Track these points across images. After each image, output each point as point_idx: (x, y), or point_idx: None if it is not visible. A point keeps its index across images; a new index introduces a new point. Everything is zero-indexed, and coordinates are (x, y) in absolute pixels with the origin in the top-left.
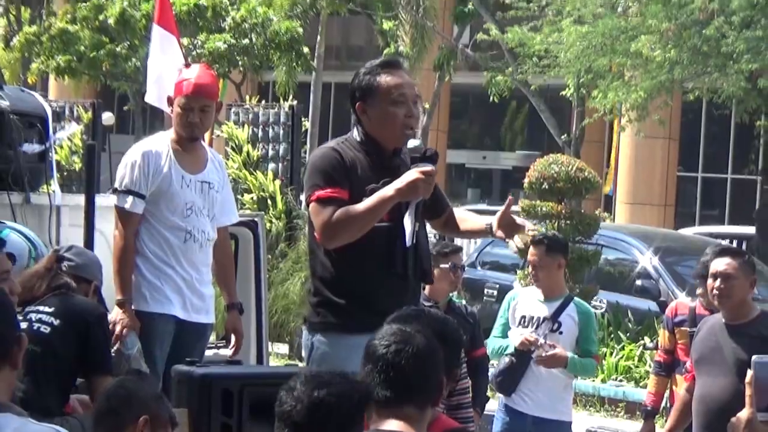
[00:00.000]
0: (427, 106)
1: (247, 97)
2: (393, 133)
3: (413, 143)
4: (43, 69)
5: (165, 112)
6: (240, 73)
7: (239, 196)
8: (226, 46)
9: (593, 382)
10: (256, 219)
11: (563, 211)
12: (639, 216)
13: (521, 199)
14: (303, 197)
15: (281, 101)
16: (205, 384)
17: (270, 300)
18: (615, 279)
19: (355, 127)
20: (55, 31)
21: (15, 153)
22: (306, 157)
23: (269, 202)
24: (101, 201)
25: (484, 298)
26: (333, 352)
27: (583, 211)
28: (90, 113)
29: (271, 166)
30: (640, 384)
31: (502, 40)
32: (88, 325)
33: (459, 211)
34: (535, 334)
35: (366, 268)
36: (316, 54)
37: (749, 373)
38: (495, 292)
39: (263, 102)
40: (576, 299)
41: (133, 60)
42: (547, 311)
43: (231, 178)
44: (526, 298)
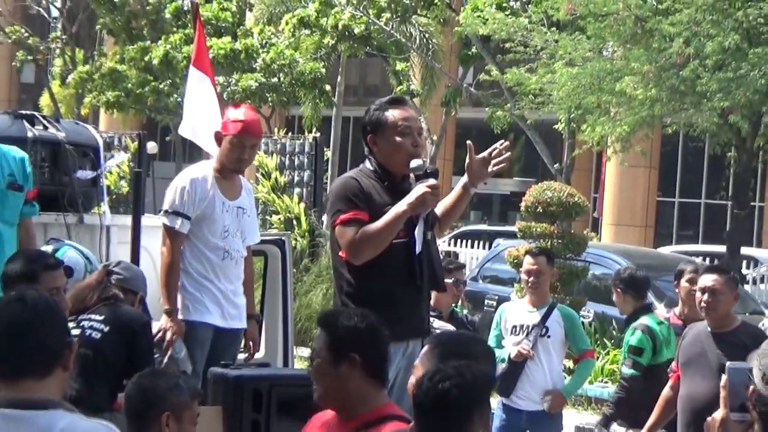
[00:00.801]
0: (435, 138)
1: (275, 129)
2: (401, 161)
3: (416, 162)
4: (95, 103)
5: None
6: (269, 108)
7: (268, 217)
8: (257, 84)
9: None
10: (283, 238)
11: (555, 231)
12: (622, 236)
13: (518, 221)
14: (325, 219)
15: (306, 133)
16: (237, 384)
17: (295, 309)
18: (601, 291)
19: (367, 158)
20: (106, 70)
21: (70, 179)
22: (327, 183)
23: (295, 222)
24: (146, 221)
25: (485, 308)
26: None
27: (573, 231)
28: (136, 143)
29: (297, 190)
30: None
31: (502, 80)
32: (134, 331)
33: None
34: (527, 340)
35: (388, 282)
36: (336, 91)
37: (723, 377)
38: (494, 303)
39: (290, 134)
40: (559, 305)
41: (175, 96)
42: (535, 319)
43: (261, 201)
44: (514, 309)
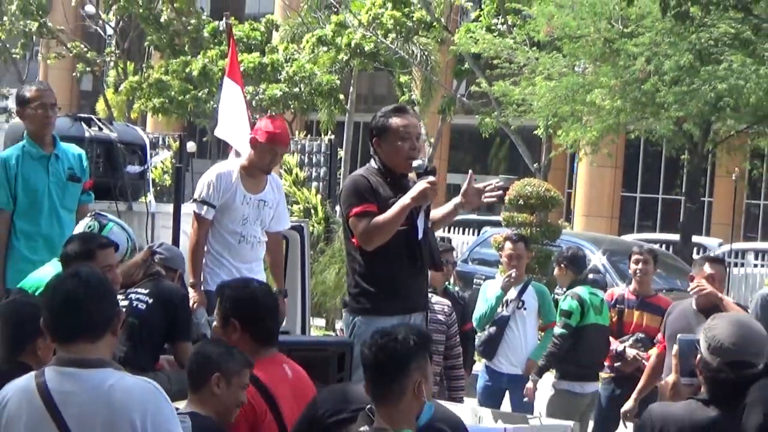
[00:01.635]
0: (432, 141)
1: (296, 132)
2: (401, 161)
3: (417, 163)
4: (143, 109)
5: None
6: (291, 113)
7: (289, 207)
8: (281, 93)
9: None
10: (302, 224)
11: (534, 221)
12: (592, 225)
13: (502, 211)
14: (338, 209)
15: (322, 135)
16: None
17: (312, 285)
18: None
19: (372, 158)
20: (152, 80)
21: (121, 173)
22: (340, 178)
23: (312, 211)
24: (185, 209)
25: (474, 286)
26: (368, 329)
27: (549, 221)
28: (177, 143)
29: (314, 184)
30: None
31: (490, 92)
32: (174, 303)
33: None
34: (506, 310)
35: (393, 264)
36: (349, 100)
37: (675, 347)
38: (482, 282)
39: (308, 136)
40: (533, 282)
41: (211, 102)
42: (513, 294)
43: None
44: (493, 288)
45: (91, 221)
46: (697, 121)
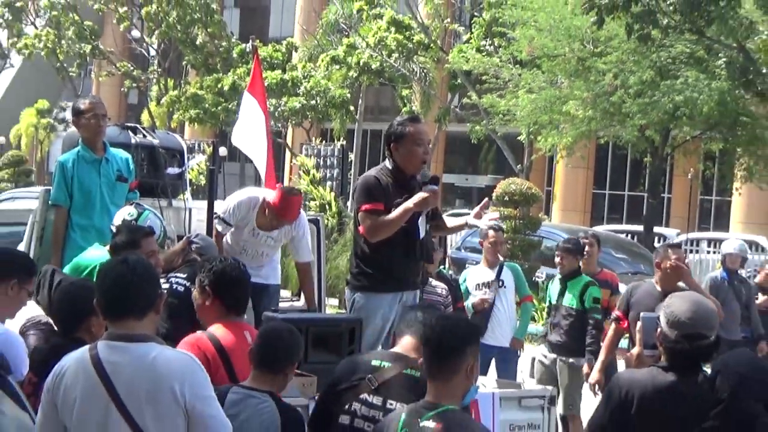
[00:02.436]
0: (429, 146)
1: (313, 138)
2: (415, 164)
3: (423, 173)
4: (181, 119)
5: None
6: (309, 122)
7: (307, 203)
8: (300, 105)
9: (536, 325)
10: (318, 218)
11: (518, 214)
12: (567, 218)
13: (490, 206)
14: (349, 204)
15: (335, 141)
16: None
17: (326, 270)
18: (550, 259)
19: (387, 160)
20: (189, 94)
21: (162, 174)
22: (351, 178)
23: (327, 207)
24: (217, 206)
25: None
26: (366, 304)
27: (531, 214)
28: (211, 148)
29: (328, 183)
30: None
31: (480, 103)
32: None
33: (446, 218)
34: (489, 291)
35: (391, 253)
36: (358, 111)
37: (638, 323)
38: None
39: (323, 142)
40: (507, 262)
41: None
42: (492, 276)
43: (303, 191)
44: (473, 273)
45: (131, 209)
46: (657, 128)
